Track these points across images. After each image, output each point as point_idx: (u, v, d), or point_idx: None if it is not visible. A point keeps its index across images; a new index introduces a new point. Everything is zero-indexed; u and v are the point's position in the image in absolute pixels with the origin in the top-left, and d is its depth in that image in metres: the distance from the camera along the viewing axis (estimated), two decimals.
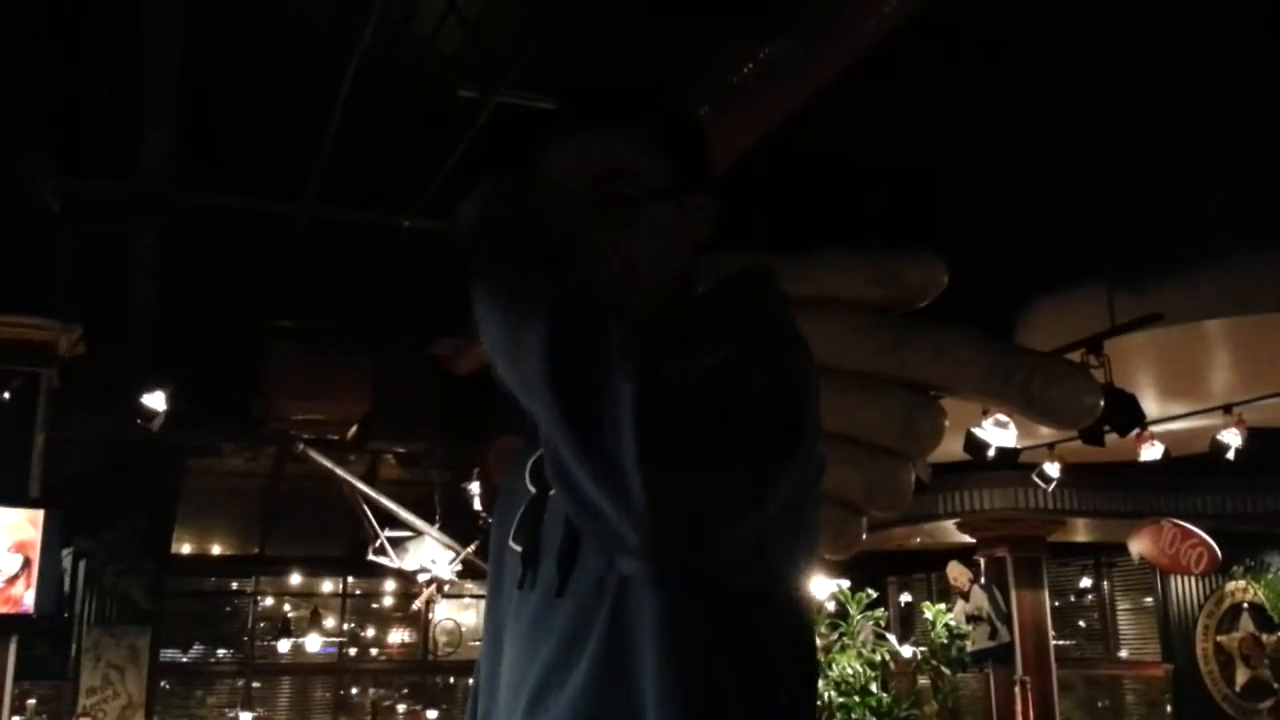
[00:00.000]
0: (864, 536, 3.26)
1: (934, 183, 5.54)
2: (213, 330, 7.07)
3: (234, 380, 7.42)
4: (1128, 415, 5.20)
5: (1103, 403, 3.30)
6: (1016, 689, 9.20)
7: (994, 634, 9.57)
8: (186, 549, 11.07)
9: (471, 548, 8.71)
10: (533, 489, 1.21)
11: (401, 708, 11.71)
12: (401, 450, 9.43)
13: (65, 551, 7.08)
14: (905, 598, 12.33)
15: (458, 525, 8.95)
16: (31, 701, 9.76)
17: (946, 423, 3.07)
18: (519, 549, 1.18)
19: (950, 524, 9.81)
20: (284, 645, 10.86)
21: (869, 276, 3.17)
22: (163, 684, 10.55)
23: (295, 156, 5.34)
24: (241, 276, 6.72)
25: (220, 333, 7.12)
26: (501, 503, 1.29)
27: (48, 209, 5.52)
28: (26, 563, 6.01)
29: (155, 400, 6.31)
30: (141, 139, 4.97)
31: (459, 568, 8.89)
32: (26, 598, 5.99)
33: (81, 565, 9.47)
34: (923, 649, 9.43)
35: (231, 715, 10.77)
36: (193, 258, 6.32)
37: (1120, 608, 11.50)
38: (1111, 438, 5.58)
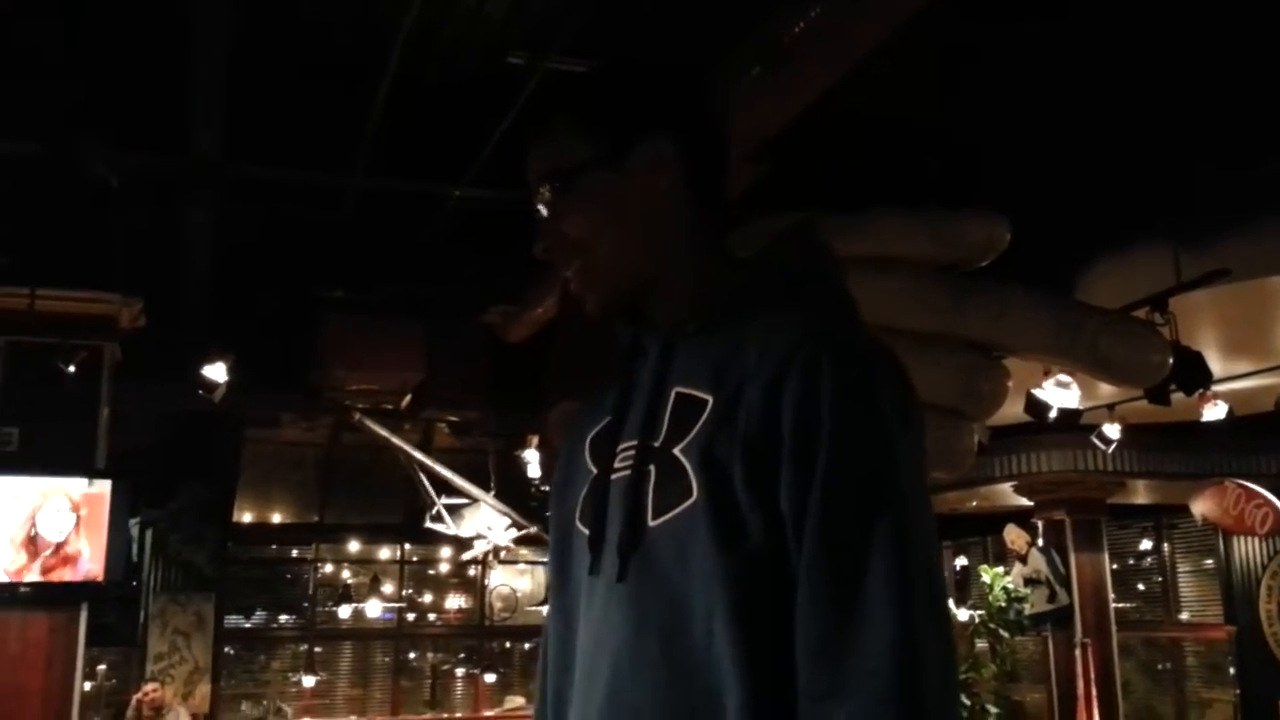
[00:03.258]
0: None
1: (991, 141, 5.44)
2: (269, 302, 7.15)
3: (290, 352, 7.51)
4: (1194, 374, 5.09)
5: (1171, 360, 3.24)
6: (1076, 651, 9.12)
7: (1053, 597, 9.49)
8: (248, 518, 11.27)
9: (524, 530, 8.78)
10: (594, 469, 1.20)
11: (460, 671, 11.88)
12: (455, 419, 9.50)
13: (133, 521, 7.23)
14: (961, 561, 12.26)
15: (512, 492, 9.02)
16: (102, 667, 10.04)
17: (1010, 383, 3.02)
18: (587, 532, 1.17)
19: (1007, 487, 9.70)
20: (344, 611, 11.05)
21: (929, 235, 3.12)
22: (227, 649, 10.79)
23: (345, 128, 5.35)
24: (295, 248, 6.78)
25: (276, 304, 7.19)
26: (561, 478, 1.28)
27: (106, 185, 5.59)
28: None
29: (216, 371, 6.40)
30: (193, 114, 5.01)
31: (515, 534, 8.96)
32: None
33: (148, 534, 9.68)
34: (980, 612, 9.39)
35: (295, 679, 10.99)
36: (247, 230, 6.38)
37: (1181, 570, 11.34)
38: (1174, 398, 5.48)
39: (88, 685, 8.68)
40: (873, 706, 0.95)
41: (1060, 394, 5.75)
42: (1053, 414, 5.86)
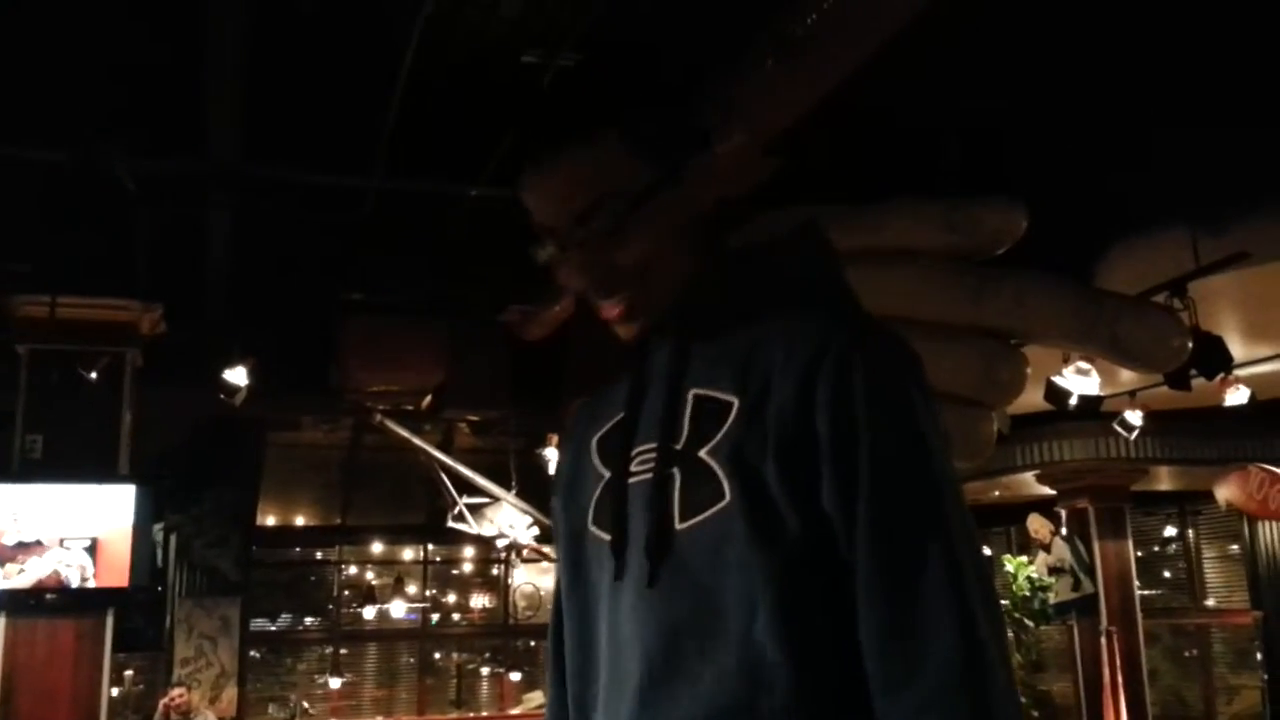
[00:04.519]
0: None
1: (1006, 129, 5.42)
2: (289, 305, 7.19)
3: (311, 354, 7.55)
4: (1215, 358, 5.07)
5: (1191, 344, 3.22)
6: (1102, 640, 9.09)
7: (1077, 585, 9.45)
8: (271, 521, 11.34)
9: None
10: (605, 471, 1.17)
11: (485, 670, 11.93)
12: (475, 418, 9.53)
13: (157, 526, 7.28)
14: (984, 552, 12.23)
15: (533, 491, 9.04)
16: (129, 673, 10.11)
17: (1029, 370, 3.02)
18: (605, 536, 1.14)
19: (1030, 476, 9.67)
20: (369, 612, 11.10)
21: (945, 224, 3.12)
22: (253, 653, 10.85)
23: (363, 129, 5.38)
24: (314, 251, 6.81)
25: (296, 307, 7.23)
26: (568, 478, 1.24)
27: (124, 190, 5.63)
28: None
29: (237, 375, 6.44)
30: (210, 117, 5.04)
31: (537, 532, 8.98)
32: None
33: (173, 539, 9.74)
34: (1004, 602, 9.36)
35: (321, 681, 11.05)
36: (267, 233, 6.41)
37: (1206, 556, 11.29)
38: (1196, 383, 5.45)
39: (115, 690, 8.73)
40: (949, 690, 0.97)
41: (1080, 381, 5.73)
42: (1073, 401, 5.84)
